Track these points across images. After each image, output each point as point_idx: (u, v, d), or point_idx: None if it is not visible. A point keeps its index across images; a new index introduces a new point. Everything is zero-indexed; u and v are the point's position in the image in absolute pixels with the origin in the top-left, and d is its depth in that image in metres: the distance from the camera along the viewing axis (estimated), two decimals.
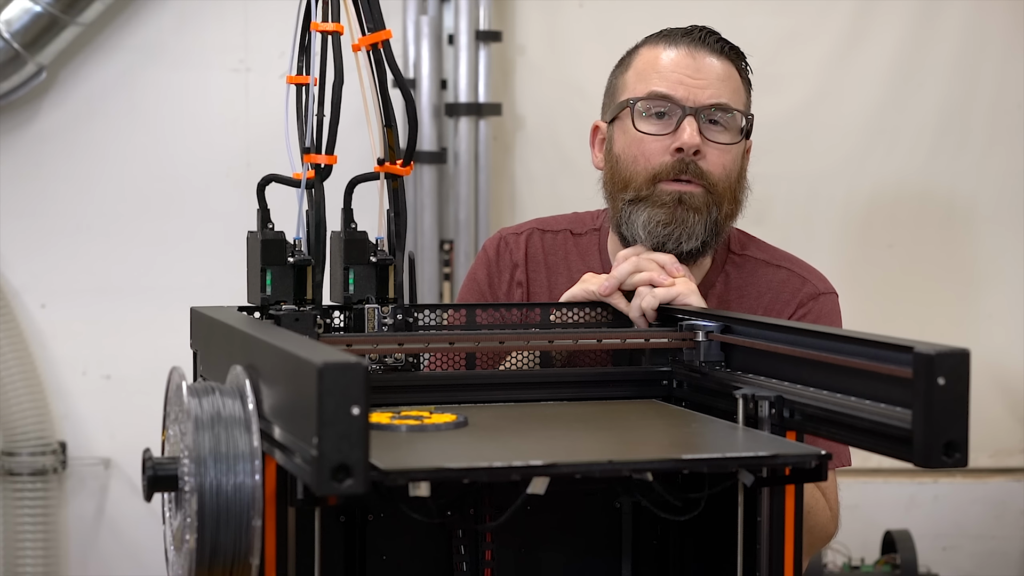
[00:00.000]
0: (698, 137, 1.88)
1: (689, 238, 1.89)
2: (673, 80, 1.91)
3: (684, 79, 1.91)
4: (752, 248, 2.03)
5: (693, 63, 1.92)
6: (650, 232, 1.89)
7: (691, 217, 1.88)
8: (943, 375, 1.17)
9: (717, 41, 1.94)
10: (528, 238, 2.06)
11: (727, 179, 1.92)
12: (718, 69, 1.93)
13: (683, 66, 1.92)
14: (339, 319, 1.65)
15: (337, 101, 1.60)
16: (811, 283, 1.99)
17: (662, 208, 1.89)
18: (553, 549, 1.59)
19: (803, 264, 2.03)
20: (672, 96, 1.90)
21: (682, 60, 1.92)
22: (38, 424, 3.65)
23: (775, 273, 2.00)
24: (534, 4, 3.80)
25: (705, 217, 1.89)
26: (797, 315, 1.96)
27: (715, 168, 1.90)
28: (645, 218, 1.89)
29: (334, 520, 1.51)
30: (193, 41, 3.71)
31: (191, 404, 1.25)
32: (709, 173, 1.90)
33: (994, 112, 3.85)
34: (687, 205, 1.89)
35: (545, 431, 1.47)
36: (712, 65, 1.92)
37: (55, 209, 3.69)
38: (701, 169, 1.89)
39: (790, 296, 1.97)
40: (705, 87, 1.91)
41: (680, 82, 1.91)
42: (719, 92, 1.91)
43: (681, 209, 1.88)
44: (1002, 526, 3.92)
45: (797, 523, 1.45)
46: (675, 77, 1.91)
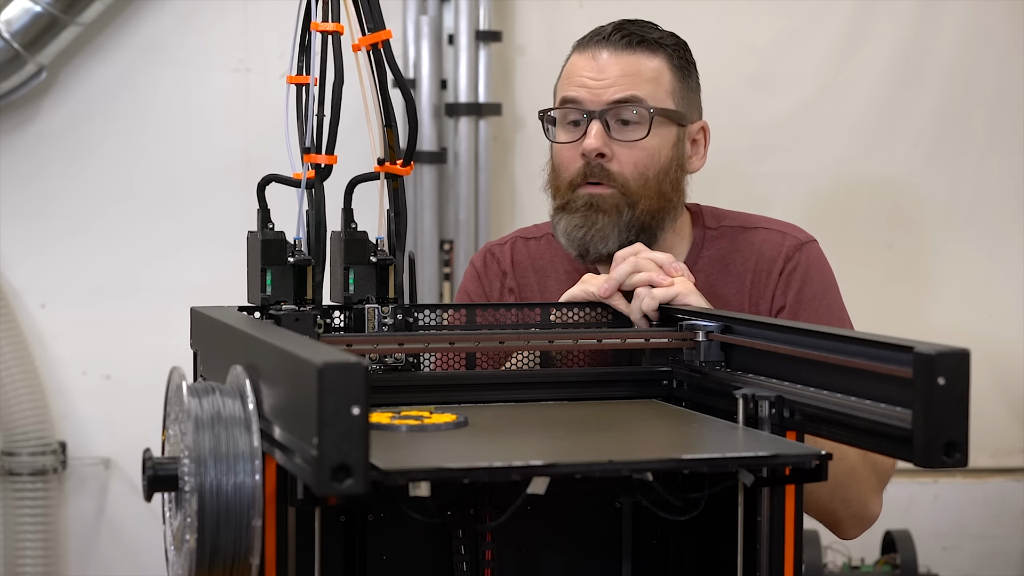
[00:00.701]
0: (599, 140, 1.91)
1: (603, 240, 1.92)
2: (577, 84, 1.95)
3: (587, 81, 1.94)
4: (727, 219, 2.05)
5: (595, 64, 1.94)
6: (569, 238, 1.94)
7: (600, 219, 1.91)
8: (943, 375, 1.17)
9: (623, 37, 1.95)
10: (513, 247, 2.09)
11: (640, 177, 1.92)
12: (623, 65, 1.93)
13: (586, 69, 1.95)
14: (339, 319, 1.65)
15: (337, 101, 1.60)
16: (791, 236, 2.01)
17: (576, 213, 1.93)
18: (553, 549, 1.59)
19: (778, 221, 2.05)
20: (577, 99, 1.94)
21: (585, 63, 1.95)
22: (38, 424, 3.65)
23: (754, 235, 2.01)
24: (534, 4, 3.80)
25: (616, 219, 1.91)
26: (787, 269, 1.98)
27: (625, 167, 1.92)
28: (564, 224, 1.94)
29: (334, 520, 1.51)
30: (193, 41, 3.71)
31: (191, 404, 1.25)
32: (619, 174, 1.92)
33: (994, 112, 3.85)
34: (597, 207, 1.92)
35: (545, 431, 1.47)
36: (613, 62, 1.93)
37: (55, 209, 3.69)
38: (609, 171, 1.92)
39: (775, 252, 1.99)
40: (607, 86, 1.92)
41: (583, 85, 1.94)
42: (620, 89, 1.92)
43: (591, 212, 1.92)
44: (1002, 526, 3.92)
45: (797, 523, 1.45)
46: (579, 81, 1.95)
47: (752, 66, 3.77)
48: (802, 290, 1.97)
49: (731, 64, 3.65)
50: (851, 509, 1.90)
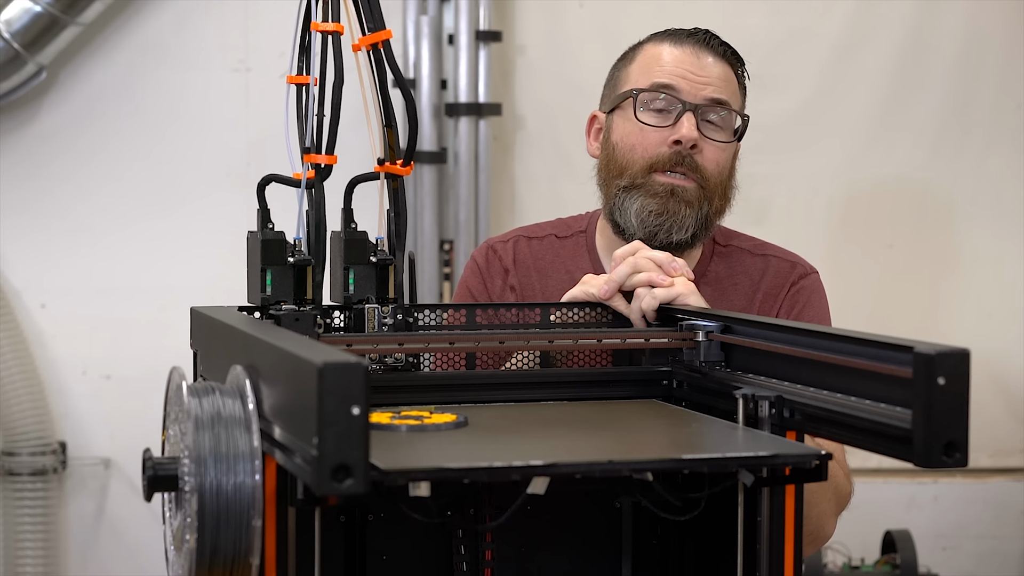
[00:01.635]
0: (696, 131, 1.94)
1: (680, 230, 1.94)
2: (676, 75, 1.96)
3: (687, 74, 1.96)
4: (736, 240, 2.09)
5: (696, 61, 1.97)
6: (642, 221, 1.94)
7: (683, 209, 1.94)
8: (943, 375, 1.17)
9: (720, 44, 2.00)
10: (515, 245, 2.10)
11: (719, 175, 1.97)
12: (719, 69, 1.98)
13: (687, 63, 1.97)
14: (339, 319, 1.65)
15: (337, 101, 1.60)
16: (799, 266, 2.06)
17: (655, 198, 1.94)
18: (553, 549, 1.59)
19: (785, 250, 2.09)
20: (675, 89, 1.96)
21: (686, 57, 1.97)
22: (38, 424, 3.65)
23: (763, 262, 2.05)
24: (534, 4, 3.80)
25: (696, 211, 1.94)
26: (790, 292, 2.02)
27: (710, 164, 1.96)
28: (638, 206, 1.94)
29: (334, 520, 1.51)
30: (193, 41, 3.71)
31: (191, 404, 1.25)
32: (703, 168, 1.95)
33: (994, 112, 3.85)
34: (679, 198, 1.94)
35: (545, 431, 1.47)
36: (714, 65, 1.98)
37: (55, 209, 3.69)
38: (696, 163, 1.95)
39: (783, 279, 2.03)
40: (707, 84, 1.96)
41: (683, 77, 1.96)
42: (719, 90, 1.97)
43: (673, 201, 1.94)
44: (1002, 526, 3.92)
45: (797, 523, 1.46)
46: (679, 72, 1.97)
47: (752, 66, 3.76)
48: (803, 311, 2.01)
49: None
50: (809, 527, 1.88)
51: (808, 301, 2.01)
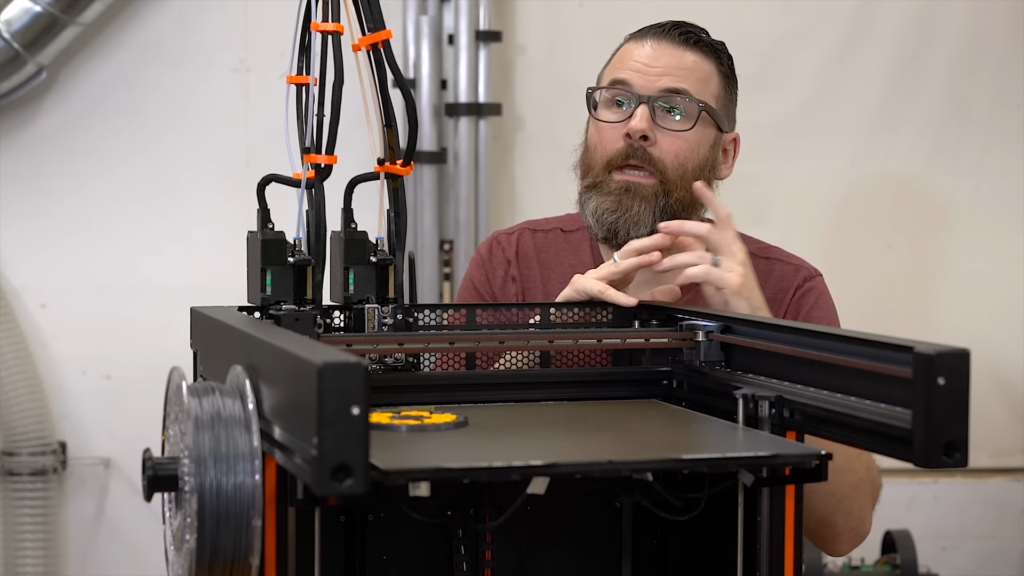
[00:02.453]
0: (646, 123, 1.92)
1: (636, 226, 1.93)
2: (631, 68, 1.96)
3: (641, 67, 1.96)
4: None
5: (652, 52, 1.96)
6: (599, 220, 1.95)
7: (636, 205, 1.93)
8: (943, 375, 1.17)
9: (682, 33, 1.97)
10: (519, 237, 2.10)
11: (680, 167, 1.94)
12: (678, 58, 1.96)
13: (643, 56, 1.96)
14: (339, 319, 1.65)
15: (337, 101, 1.60)
16: (804, 269, 2.04)
17: (609, 196, 1.94)
18: (553, 549, 1.59)
19: (789, 254, 2.08)
20: (627, 82, 1.95)
21: (644, 51, 1.97)
22: (38, 424, 3.65)
23: (767, 265, 2.03)
24: (534, 4, 3.80)
25: (653, 205, 1.93)
26: (796, 296, 2.01)
27: (666, 155, 1.94)
28: (594, 206, 1.96)
29: (334, 520, 1.51)
30: (193, 41, 3.71)
31: (191, 404, 1.25)
32: (659, 160, 1.94)
33: (994, 112, 3.85)
34: (633, 193, 1.93)
35: (545, 431, 1.47)
36: (672, 53, 1.96)
37: (55, 209, 3.69)
38: (650, 155, 1.94)
39: (787, 283, 2.02)
40: (661, 74, 1.95)
41: (637, 70, 1.96)
42: (674, 79, 1.94)
43: (627, 197, 1.93)
44: (1002, 526, 3.92)
45: (797, 523, 1.45)
46: (634, 66, 1.96)
47: (752, 66, 3.76)
48: (811, 312, 2.01)
49: None
50: (851, 523, 1.89)
51: (815, 304, 2.01)
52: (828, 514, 1.86)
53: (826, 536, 1.91)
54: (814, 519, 1.86)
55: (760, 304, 1.81)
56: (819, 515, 1.86)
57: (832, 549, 1.95)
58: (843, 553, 1.95)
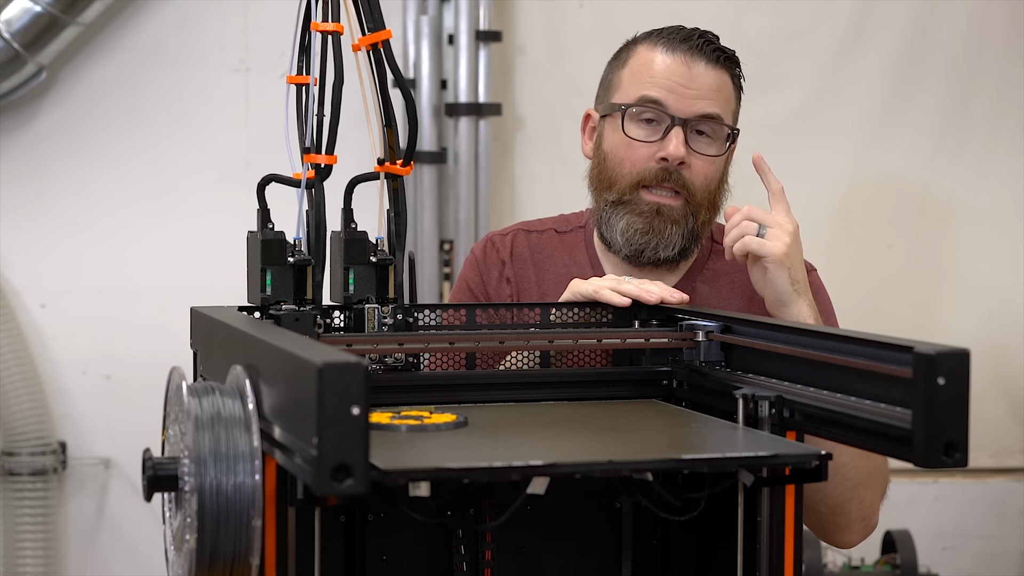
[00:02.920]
0: (683, 148, 1.92)
1: (667, 247, 1.94)
2: (666, 87, 1.93)
3: (676, 87, 1.93)
4: None
5: (687, 72, 1.93)
6: (628, 239, 1.95)
7: (668, 228, 1.93)
8: (943, 375, 1.17)
9: (714, 50, 1.95)
10: (514, 238, 2.10)
11: (707, 189, 1.95)
12: (711, 79, 1.94)
13: (677, 73, 1.93)
14: (339, 319, 1.65)
15: (337, 101, 1.60)
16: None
17: (640, 216, 1.94)
18: (553, 549, 1.59)
19: None
20: (663, 103, 1.93)
21: (677, 67, 1.93)
22: (38, 424, 3.65)
23: None
24: (534, 4, 3.80)
25: (682, 227, 1.94)
26: None
27: (698, 179, 1.94)
28: (624, 224, 1.94)
29: (334, 520, 1.51)
30: (193, 41, 3.71)
31: (191, 404, 1.25)
32: (691, 183, 1.94)
33: (994, 112, 3.85)
34: (665, 216, 1.93)
35: (545, 431, 1.47)
36: (706, 74, 1.94)
37: (55, 209, 3.69)
38: (684, 179, 1.93)
39: None
40: (697, 97, 1.93)
41: (672, 90, 1.93)
42: (710, 103, 1.93)
43: (659, 220, 1.93)
44: (1002, 526, 3.92)
45: (797, 523, 1.45)
46: (668, 84, 1.93)
47: (752, 66, 3.76)
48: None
49: None
50: (863, 511, 1.89)
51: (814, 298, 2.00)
52: (843, 501, 1.86)
53: (839, 525, 1.90)
54: (827, 507, 1.86)
55: (800, 278, 1.83)
56: (833, 502, 1.85)
57: (842, 540, 1.93)
58: (852, 544, 1.94)
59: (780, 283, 1.81)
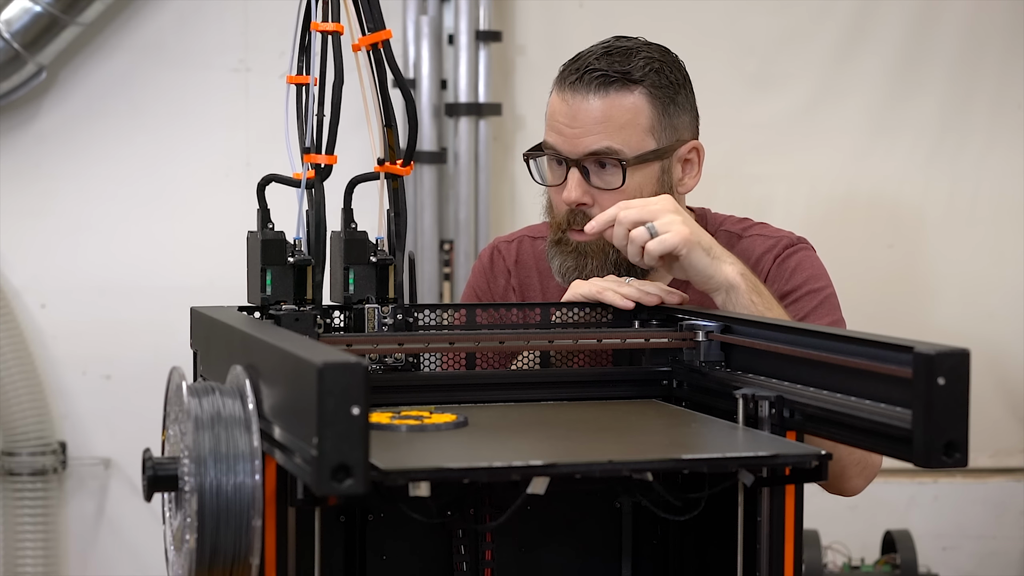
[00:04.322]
0: (576, 192, 1.91)
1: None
2: (555, 130, 1.93)
3: (563, 128, 1.92)
4: (725, 224, 2.06)
5: (568, 110, 1.91)
6: (563, 276, 1.95)
7: (589, 263, 1.92)
8: (943, 375, 1.17)
9: (597, 78, 1.90)
10: (520, 245, 2.10)
11: None
12: (595, 111, 1.90)
13: (561, 113, 1.93)
14: (339, 319, 1.65)
15: (337, 101, 1.60)
16: (785, 238, 2.01)
17: (569, 256, 1.94)
18: (553, 549, 1.59)
19: (772, 227, 2.05)
20: (556, 147, 1.93)
21: (561, 107, 1.93)
22: (38, 424, 3.65)
23: (749, 242, 2.01)
24: (534, 4, 3.80)
25: (603, 260, 1.92)
26: (777, 262, 1.98)
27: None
28: (558, 264, 1.96)
29: (334, 520, 1.51)
30: (193, 41, 3.71)
31: (191, 404, 1.25)
32: None
33: (994, 112, 3.85)
34: (585, 254, 1.93)
35: (545, 431, 1.47)
36: (588, 109, 1.90)
37: (55, 209, 3.69)
38: (592, 217, 1.87)
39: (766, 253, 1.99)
40: (582, 135, 1.90)
41: (560, 132, 1.92)
42: (597, 137, 1.90)
43: (583, 258, 1.93)
44: (1002, 526, 3.92)
45: (797, 523, 1.45)
46: (556, 126, 1.93)
47: (752, 66, 3.77)
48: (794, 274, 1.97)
49: (731, 64, 3.65)
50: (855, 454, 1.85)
51: (798, 265, 1.97)
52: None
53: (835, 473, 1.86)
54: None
55: (710, 243, 1.79)
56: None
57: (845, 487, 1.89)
58: (857, 491, 1.90)
59: (699, 260, 1.77)
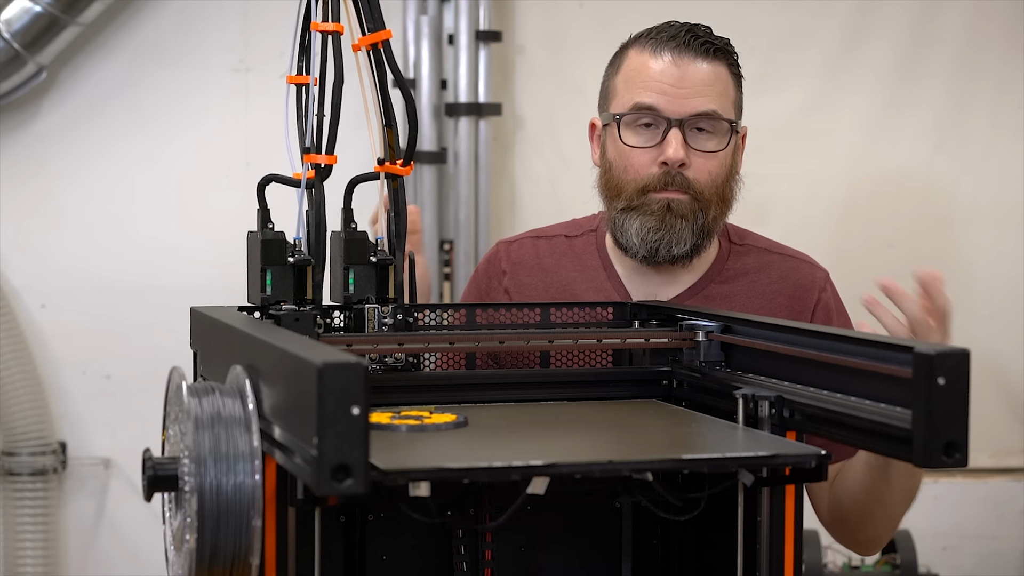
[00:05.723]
0: (682, 151, 1.92)
1: (679, 243, 1.94)
2: (657, 91, 1.93)
3: (668, 89, 1.92)
4: (749, 238, 2.09)
5: (677, 71, 1.93)
6: (643, 239, 1.95)
7: (679, 223, 1.93)
8: (943, 375, 1.17)
9: (702, 44, 1.94)
10: (520, 245, 2.10)
11: (713, 184, 1.95)
12: (703, 74, 1.93)
13: (667, 75, 1.93)
14: (339, 319, 1.65)
15: (337, 101, 1.60)
16: (818, 267, 2.07)
17: (652, 216, 1.94)
18: (553, 549, 1.59)
19: (797, 251, 2.10)
20: (656, 108, 1.93)
21: (667, 68, 1.93)
22: (38, 424, 3.65)
23: (783, 262, 2.05)
24: (534, 4, 3.80)
25: (692, 223, 1.94)
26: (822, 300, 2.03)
27: (701, 176, 1.94)
28: (637, 226, 1.95)
29: (334, 520, 1.51)
30: (193, 41, 3.71)
31: (191, 404, 1.25)
32: (696, 181, 1.94)
33: (994, 112, 3.85)
34: (675, 212, 1.93)
35: (545, 431, 1.47)
36: (697, 71, 1.93)
37: (55, 209, 3.69)
38: (688, 179, 1.93)
39: (808, 282, 2.04)
40: (690, 96, 1.92)
41: (664, 92, 1.93)
42: (704, 100, 1.93)
43: (670, 216, 1.93)
44: (1002, 526, 3.92)
45: (797, 523, 1.46)
46: (659, 87, 1.93)
47: (752, 66, 3.76)
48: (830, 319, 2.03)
49: None
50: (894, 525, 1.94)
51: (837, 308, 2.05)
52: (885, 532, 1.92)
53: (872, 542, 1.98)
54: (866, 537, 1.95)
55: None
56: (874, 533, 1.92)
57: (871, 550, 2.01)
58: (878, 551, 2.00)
59: None
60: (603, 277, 2.01)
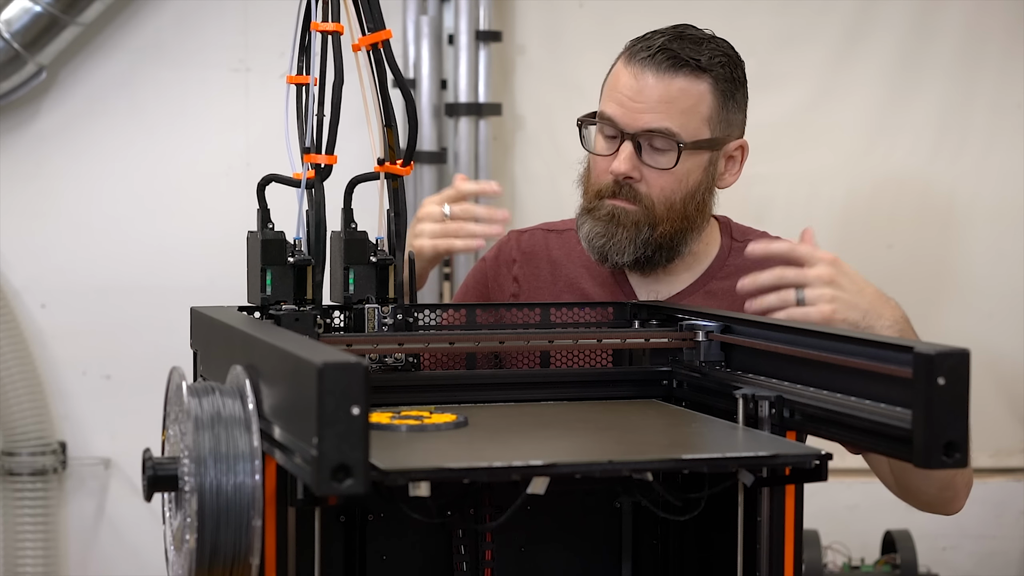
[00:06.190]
0: (626, 164, 1.93)
1: (619, 252, 1.95)
2: (617, 102, 1.95)
3: (626, 102, 1.94)
4: (752, 235, 2.09)
5: (635, 84, 1.93)
6: (590, 243, 1.97)
7: (620, 232, 1.95)
8: (943, 375, 1.17)
9: (670, 58, 1.92)
10: (531, 236, 2.12)
11: (666, 200, 1.95)
12: (661, 91, 1.92)
13: (628, 88, 1.94)
14: (339, 319, 1.65)
15: (337, 101, 1.60)
16: None
17: (599, 221, 1.96)
18: (553, 549, 1.59)
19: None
20: (615, 119, 1.95)
21: (629, 81, 1.94)
22: (38, 424, 3.65)
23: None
24: (534, 4, 3.80)
25: (634, 234, 1.94)
26: None
27: (653, 190, 1.95)
28: (587, 230, 1.98)
29: (334, 520, 1.51)
30: (193, 41, 3.71)
31: (191, 404, 1.25)
32: (646, 195, 1.95)
33: (994, 112, 3.85)
34: (619, 221, 1.95)
35: (545, 431, 1.47)
36: (656, 87, 1.92)
37: (55, 209, 3.69)
38: (637, 192, 1.94)
39: None
40: (643, 112, 1.92)
41: (622, 104, 1.94)
42: (658, 117, 1.92)
43: (613, 224, 1.95)
44: (1002, 526, 3.91)
45: (797, 523, 1.46)
46: (620, 99, 1.94)
47: (752, 66, 3.76)
48: None
49: None
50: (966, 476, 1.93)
51: None
52: (951, 476, 1.88)
53: (948, 499, 1.94)
54: (936, 487, 1.90)
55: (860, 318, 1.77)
56: (941, 483, 1.89)
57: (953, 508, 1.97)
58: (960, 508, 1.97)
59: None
60: (608, 272, 2.03)
